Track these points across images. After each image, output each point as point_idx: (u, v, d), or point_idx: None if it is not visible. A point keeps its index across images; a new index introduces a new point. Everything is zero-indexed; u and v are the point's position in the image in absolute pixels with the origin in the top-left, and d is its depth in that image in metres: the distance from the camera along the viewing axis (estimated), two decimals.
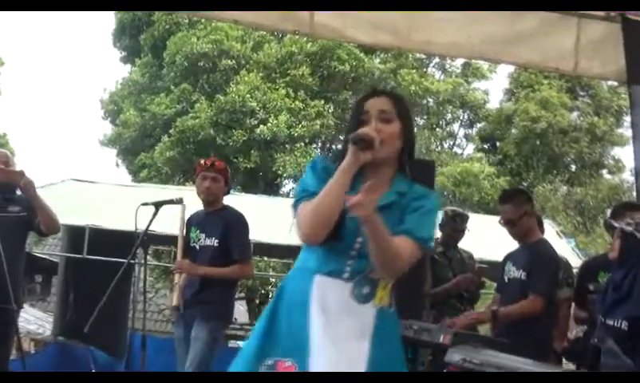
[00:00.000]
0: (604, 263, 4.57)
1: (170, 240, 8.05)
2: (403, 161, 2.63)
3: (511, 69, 24.94)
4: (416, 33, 5.42)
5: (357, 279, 2.58)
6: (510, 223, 4.92)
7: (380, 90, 2.98)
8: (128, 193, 10.60)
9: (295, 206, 2.60)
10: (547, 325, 4.90)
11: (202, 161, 5.47)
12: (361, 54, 21.83)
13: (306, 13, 5.21)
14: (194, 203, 5.49)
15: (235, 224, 5.30)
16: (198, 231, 5.31)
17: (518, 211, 4.89)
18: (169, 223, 6.29)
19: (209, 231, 5.26)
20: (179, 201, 5.10)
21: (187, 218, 5.43)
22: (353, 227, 2.51)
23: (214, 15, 6.03)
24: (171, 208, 5.08)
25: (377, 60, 23.37)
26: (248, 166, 20.49)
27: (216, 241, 5.21)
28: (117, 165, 24.94)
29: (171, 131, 20.84)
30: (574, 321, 5.37)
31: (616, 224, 3.97)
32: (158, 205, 5.01)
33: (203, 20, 19.93)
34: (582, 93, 25.60)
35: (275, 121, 20.04)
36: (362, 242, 2.52)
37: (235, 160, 20.37)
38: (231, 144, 20.45)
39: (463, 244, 6.21)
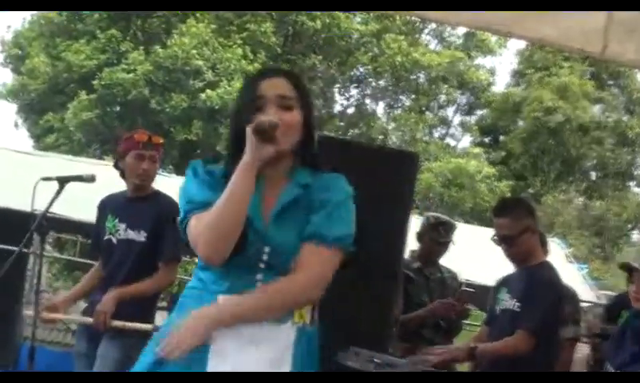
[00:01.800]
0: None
1: (76, 227, 7.97)
2: (305, 154, 2.71)
3: (522, 45, 25.10)
4: None
5: None
6: (506, 241, 4.88)
7: (275, 69, 3.07)
8: (26, 162, 10.46)
9: (183, 222, 2.71)
10: (547, 367, 4.88)
11: (135, 135, 5.33)
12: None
13: None
14: (110, 185, 5.40)
15: (171, 217, 5.22)
16: (116, 221, 5.19)
17: (517, 226, 4.85)
18: (76, 205, 6.20)
19: (134, 223, 5.14)
20: (91, 179, 5.01)
21: (100, 201, 5.37)
22: (259, 234, 2.58)
23: None
24: (79, 187, 5.01)
25: (358, 19, 23.42)
26: (188, 137, 20.41)
27: (144, 235, 5.12)
28: (16, 125, 24.72)
29: (94, 82, 20.63)
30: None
31: None
32: (63, 181, 4.91)
33: None
34: (610, 82, 25.86)
35: (228, 87, 19.97)
36: (270, 251, 2.60)
37: (171, 131, 20.27)
38: (167, 109, 20.33)
39: (446, 261, 6.22)
